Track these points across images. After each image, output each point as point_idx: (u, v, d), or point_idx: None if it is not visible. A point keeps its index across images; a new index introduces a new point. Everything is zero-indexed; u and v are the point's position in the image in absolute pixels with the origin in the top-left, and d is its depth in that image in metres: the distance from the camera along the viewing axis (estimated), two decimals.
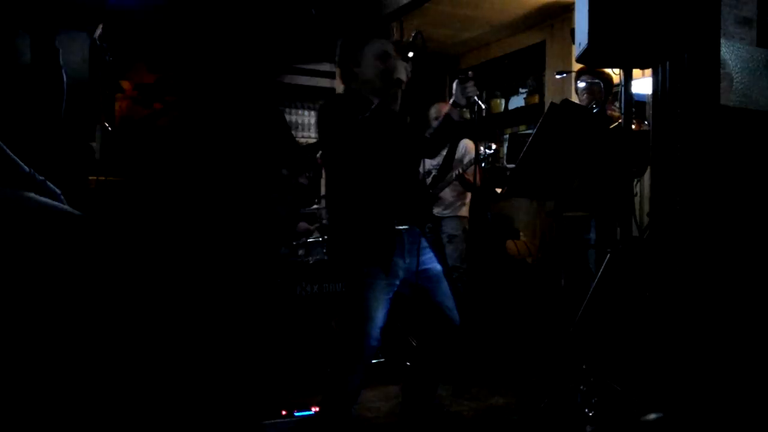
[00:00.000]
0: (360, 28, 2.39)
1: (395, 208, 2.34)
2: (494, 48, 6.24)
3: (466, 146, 4.27)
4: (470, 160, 4.06)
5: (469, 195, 4.43)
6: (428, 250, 2.45)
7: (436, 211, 4.36)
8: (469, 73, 2.40)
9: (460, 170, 4.14)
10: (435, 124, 2.54)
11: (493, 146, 4.03)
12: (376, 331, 2.26)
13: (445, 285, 2.46)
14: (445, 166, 4.19)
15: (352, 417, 2.39)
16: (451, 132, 2.47)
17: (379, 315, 2.27)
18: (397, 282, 2.35)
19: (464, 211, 4.42)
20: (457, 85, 2.37)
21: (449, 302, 2.45)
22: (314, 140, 6.14)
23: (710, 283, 2.40)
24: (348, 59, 2.37)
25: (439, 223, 4.36)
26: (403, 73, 2.27)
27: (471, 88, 2.36)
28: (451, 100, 2.40)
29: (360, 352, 2.27)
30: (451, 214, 4.36)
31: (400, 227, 2.34)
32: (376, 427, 2.57)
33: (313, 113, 6.52)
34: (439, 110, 4.18)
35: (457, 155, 4.28)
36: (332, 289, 3.56)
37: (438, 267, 2.47)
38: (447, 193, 4.35)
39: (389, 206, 2.32)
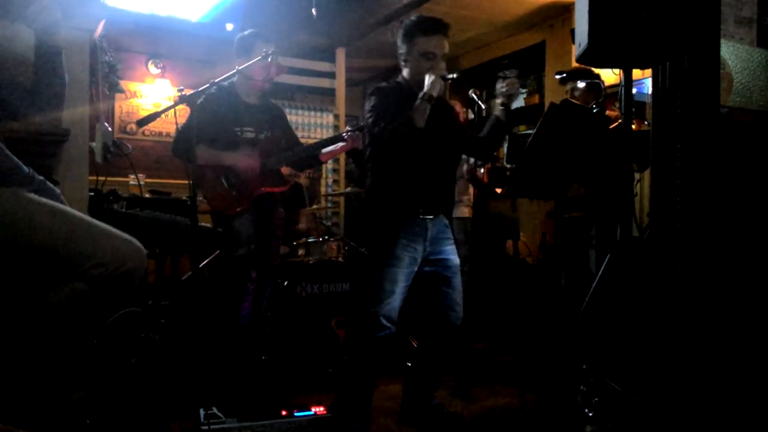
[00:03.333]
0: (414, 22, 2.45)
1: (423, 197, 2.44)
2: (494, 48, 6.24)
3: None
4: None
5: (471, 194, 4.38)
6: (451, 241, 2.54)
7: None
8: (509, 71, 2.51)
9: (469, 166, 4.11)
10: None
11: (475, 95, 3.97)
12: (389, 312, 2.33)
13: (458, 280, 2.53)
14: None
15: (370, 414, 2.41)
16: (503, 131, 2.58)
17: (395, 297, 2.35)
18: (415, 268, 2.43)
19: (467, 212, 4.38)
20: (498, 82, 2.50)
21: (459, 298, 2.51)
22: (314, 140, 6.15)
23: (710, 283, 2.40)
24: (400, 49, 2.49)
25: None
26: (435, 89, 2.32)
27: (510, 85, 2.48)
28: (499, 100, 2.51)
29: (373, 332, 2.32)
30: (455, 215, 4.29)
31: (427, 217, 2.44)
32: (376, 427, 2.57)
33: (313, 113, 6.52)
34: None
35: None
36: (332, 289, 3.56)
37: (456, 260, 2.55)
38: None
39: (417, 194, 2.42)
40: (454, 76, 2.38)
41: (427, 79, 2.34)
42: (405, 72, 2.52)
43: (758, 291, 2.42)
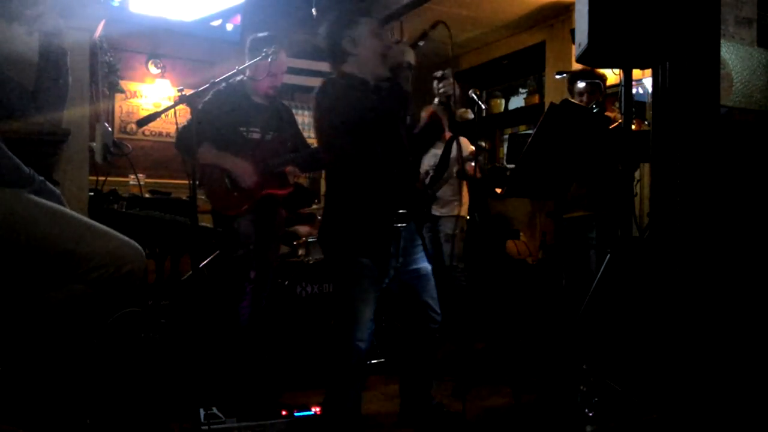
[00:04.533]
0: (351, 8, 2.29)
1: (394, 203, 2.31)
2: (494, 48, 6.24)
3: (462, 143, 4.26)
4: (469, 155, 4.07)
5: (466, 194, 4.42)
6: (420, 248, 2.45)
7: (434, 210, 4.37)
8: (445, 71, 2.35)
9: (458, 165, 4.13)
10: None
11: (484, 144, 4.03)
12: (363, 333, 2.24)
13: (432, 284, 2.46)
14: (442, 165, 4.19)
15: (358, 420, 2.38)
16: (435, 131, 2.45)
17: (367, 315, 2.24)
18: (387, 280, 2.33)
19: (462, 211, 4.42)
20: (435, 83, 2.35)
21: (434, 302, 2.46)
22: (314, 140, 6.15)
23: (710, 283, 2.40)
24: (342, 39, 2.28)
25: (436, 222, 4.38)
26: (411, 56, 2.23)
27: (446, 86, 2.33)
28: (436, 100, 2.38)
29: (348, 355, 2.23)
30: (448, 214, 4.36)
31: (399, 224, 2.33)
32: (376, 427, 2.57)
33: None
34: (428, 112, 4.19)
35: (453, 153, 4.25)
36: (332, 289, 3.56)
37: (427, 265, 2.47)
38: (444, 192, 4.36)
39: (389, 201, 2.29)
40: (422, 44, 2.28)
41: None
42: (351, 63, 2.29)
43: (758, 290, 2.42)
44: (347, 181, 2.29)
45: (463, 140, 4.26)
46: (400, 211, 2.32)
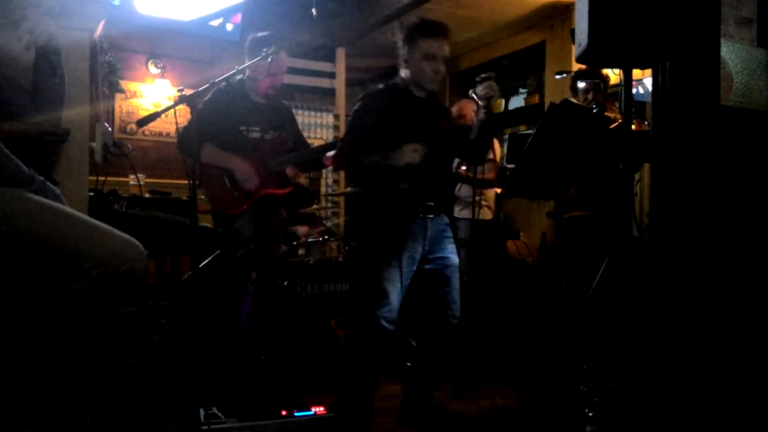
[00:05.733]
0: (417, 24, 2.51)
1: (422, 197, 2.44)
2: (494, 48, 6.24)
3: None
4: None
5: (491, 196, 4.32)
6: (451, 240, 2.55)
7: (455, 210, 4.22)
8: (489, 73, 2.50)
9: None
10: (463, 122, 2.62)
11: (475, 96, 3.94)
12: (388, 314, 2.33)
13: (456, 278, 2.53)
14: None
15: (371, 412, 2.41)
16: (490, 133, 2.62)
17: (393, 298, 2.35)
18: (414, 268, 2.43)
19: (484, 213, 4.26)
20: (477, 84, 2.49)
21: (456, 296, 2.52)
22: (314, 140, 6.14)
23: (710, 283, 2.40)
24: (401, 50, 2.52)
25: (454, 224, 4.24)
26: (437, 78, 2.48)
27: (488, 88, 2.46)
28: (480, 103, 2.50)
29: (372, 333, 2.32)
30: (467, 216, 4.17)
31: (427, 216, 2.45)
32: (376, 427, 2.57)
33: (313, 113, 6.52)
34: (460, 107, 4.14)
35: None
36: (332, 289, 3.56)
37: (456, 260, 2.54)
38: (465, 192, 4.21)
39: (415, 195, 2.43)
40: None
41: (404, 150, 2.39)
42: (404, 73, 2.54)
43: (758, 290, 2.42)
44: (375, 175, 2.44)
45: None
46: (429, 203, 2.46)
